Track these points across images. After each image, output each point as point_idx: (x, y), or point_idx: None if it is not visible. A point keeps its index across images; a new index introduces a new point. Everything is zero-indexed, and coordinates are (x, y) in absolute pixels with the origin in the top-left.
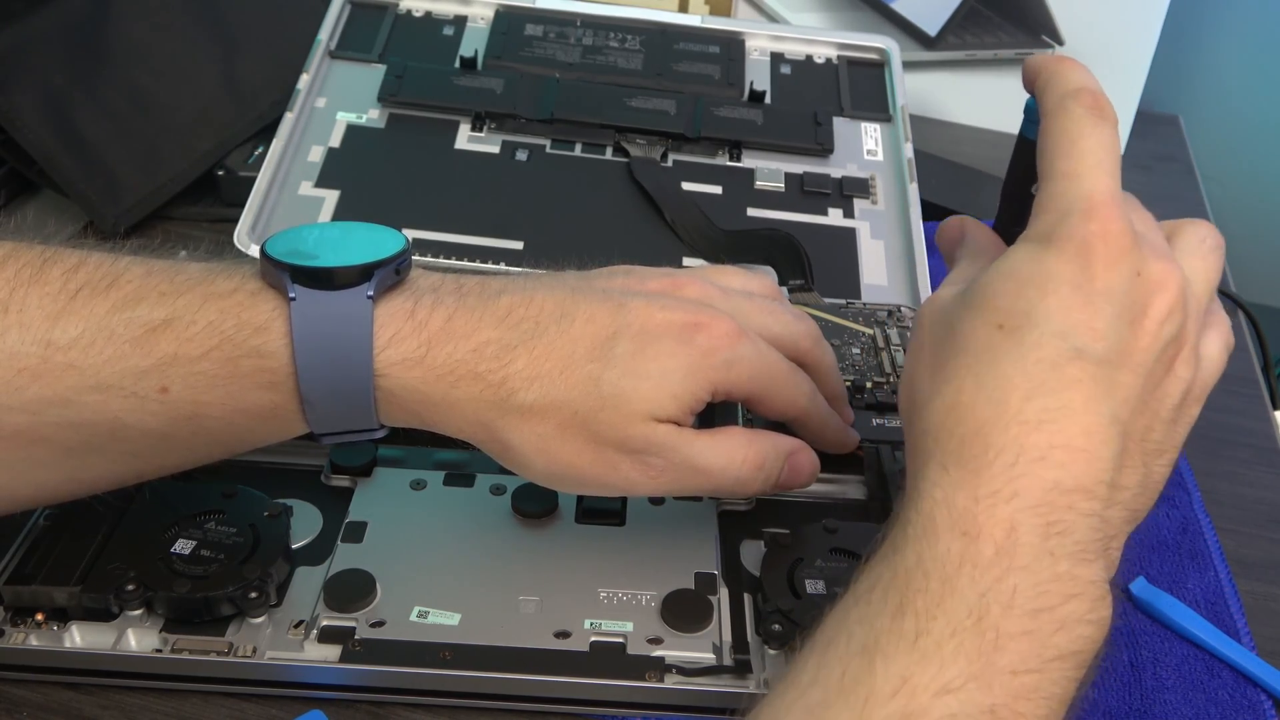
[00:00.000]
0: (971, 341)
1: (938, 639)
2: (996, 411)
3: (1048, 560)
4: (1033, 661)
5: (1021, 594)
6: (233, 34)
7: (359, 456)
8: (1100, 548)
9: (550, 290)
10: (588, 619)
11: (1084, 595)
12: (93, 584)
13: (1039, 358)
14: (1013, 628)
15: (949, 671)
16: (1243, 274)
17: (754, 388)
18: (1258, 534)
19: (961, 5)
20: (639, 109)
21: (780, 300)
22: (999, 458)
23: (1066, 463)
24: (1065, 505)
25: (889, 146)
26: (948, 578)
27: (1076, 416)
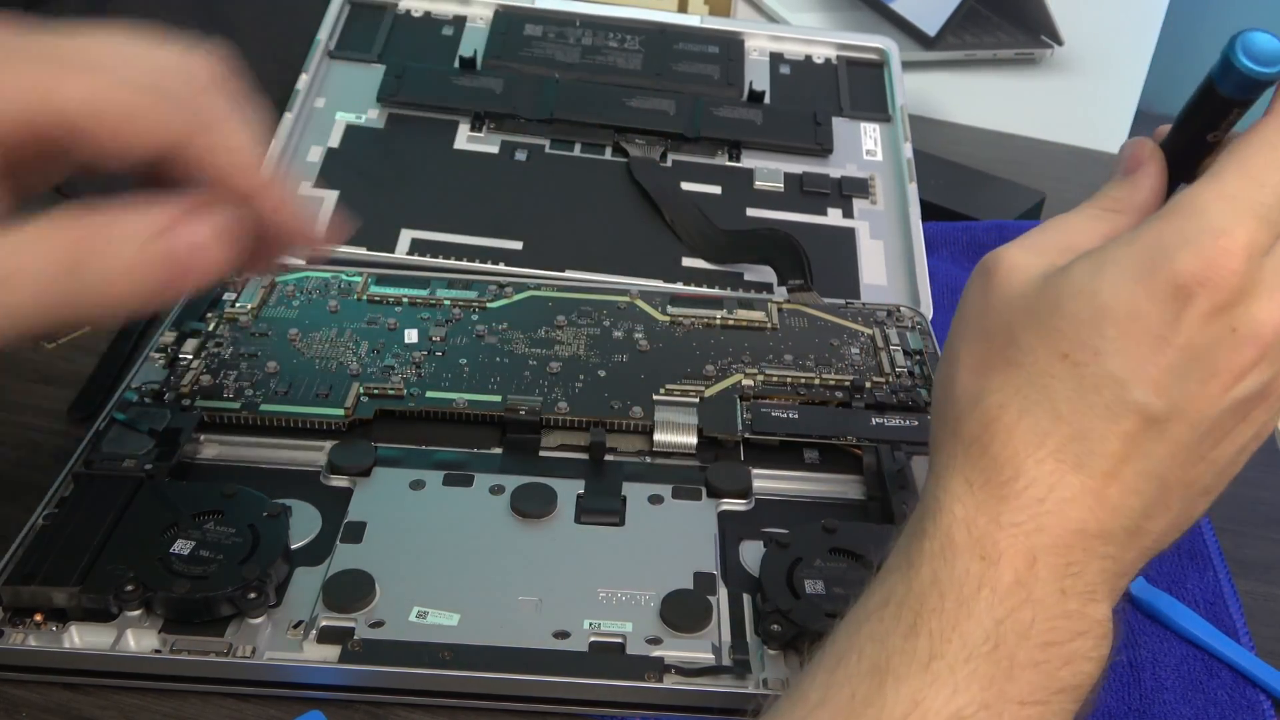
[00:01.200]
0: (1030, 361)
1: (951, 663)
2: (1037, 442)
3: (1059, 597)
4: (1040, 693)
5: (1036, 626)
6: (232, 33)
7: (358, 457)
8: (1109, 588)
9: None
10: (587, 619)
11: (1090, 634)
12: (92, 584)
13: (1094, 401)
14: (1025, 658)
15: (961, 698)
16: None
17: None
18: (1257, 534)
19: (961, 5)
20: (638, 109)
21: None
22: (1029, 489)
23: (1095, 508)
24: (1083, 548)
25: (888, 146)
26: (964, 600)
27: (1114, 472)
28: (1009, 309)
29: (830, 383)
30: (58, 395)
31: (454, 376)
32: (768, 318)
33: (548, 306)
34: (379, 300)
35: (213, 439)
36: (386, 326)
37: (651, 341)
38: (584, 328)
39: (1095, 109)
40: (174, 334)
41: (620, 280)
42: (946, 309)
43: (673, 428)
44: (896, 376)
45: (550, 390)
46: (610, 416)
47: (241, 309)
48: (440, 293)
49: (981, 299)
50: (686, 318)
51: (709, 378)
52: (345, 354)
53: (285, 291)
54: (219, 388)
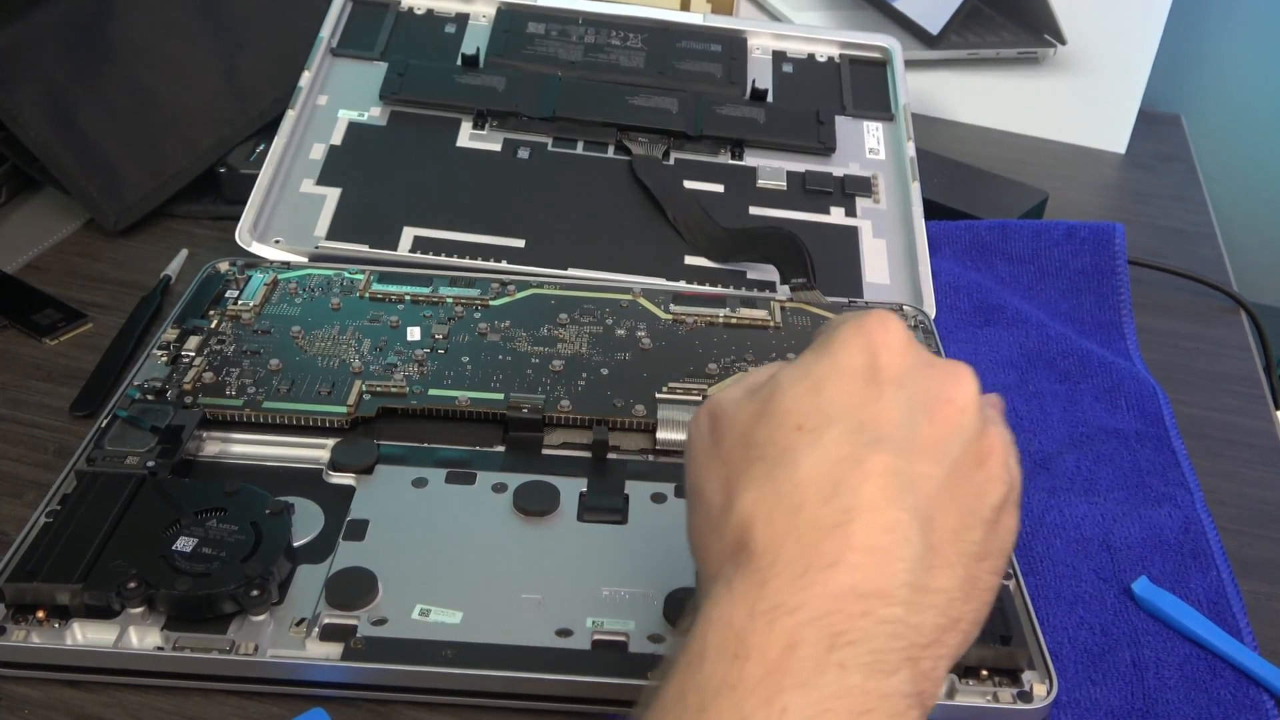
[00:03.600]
0: (770, 448)
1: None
2: (791, 521)
3: (835, 673)
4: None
5: (794, 713)
6: (234, 31)
7: (361, 454)
8: (902, 657)
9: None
10: (589, 617)
11: (877, 711)
12: (94, 581)
13: (837, 456)
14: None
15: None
16: (1245, 274)
17: None
18: (1260, 534)
19: (963, 4)
20: (641, 107)
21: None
22: (788, 568)
23: (863, 565)
24: (859, 612)
25: (891, 145)
26: (704, 706)
27: (876, 513)
28: (738, 424)
29: None
30: (60, 392)
31: (456, 374)
32: (770, 316)
33: (550, 304)
34: (381, 298)
35: (215, 436)
36: (389, 324)
37: (654, 340)
38: (586, 326)
39: (1098, 108)
40: (176, 331)
41: (623, 278)
42: (949, 308)
43: (675, 426)
44: None
45: (553, 388)
46: (613, 415)
47: (244, 306)
48: (443, 290)
49: (710, 434)
50: (689, 316)
51: (712, 376)
52: (348, 352)
53: (288, 289)
54: (221, 385)
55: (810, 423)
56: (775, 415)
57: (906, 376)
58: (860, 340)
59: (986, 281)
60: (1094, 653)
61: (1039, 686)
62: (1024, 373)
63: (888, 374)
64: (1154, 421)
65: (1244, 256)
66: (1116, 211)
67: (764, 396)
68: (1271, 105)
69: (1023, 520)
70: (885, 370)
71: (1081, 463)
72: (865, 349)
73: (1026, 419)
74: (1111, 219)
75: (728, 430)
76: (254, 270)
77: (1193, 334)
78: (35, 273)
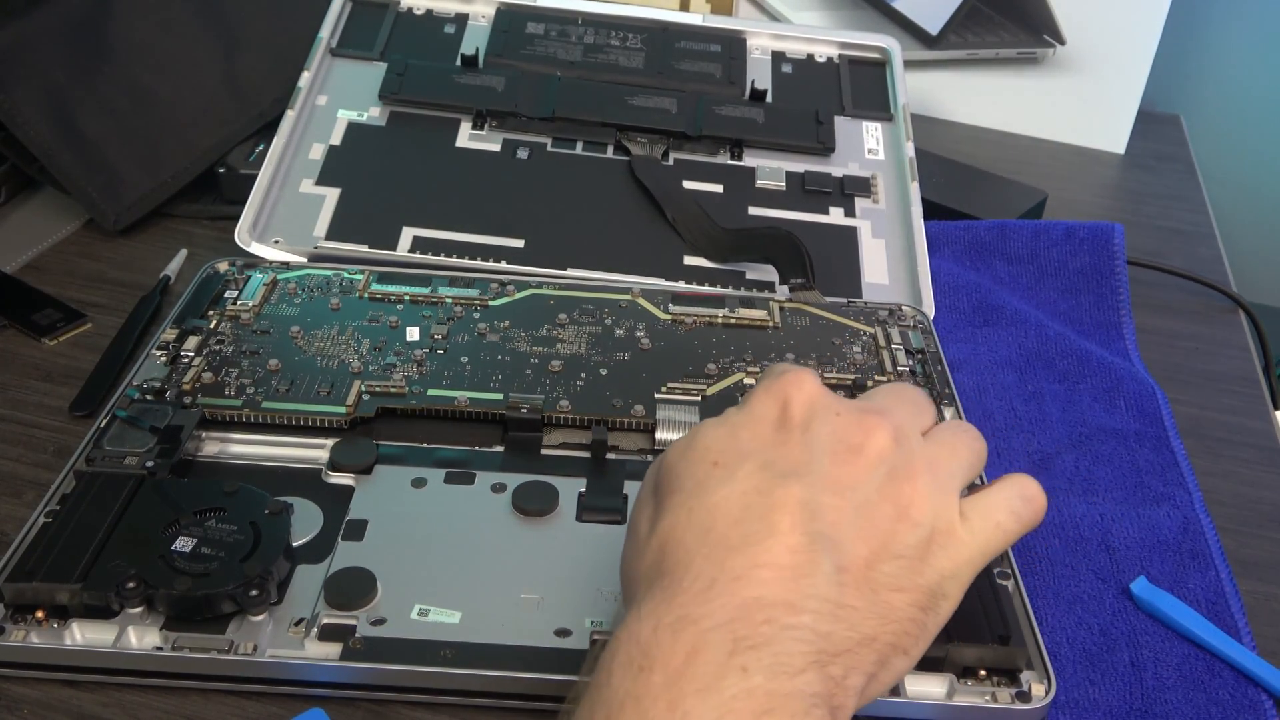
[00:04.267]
0: (688, 480)
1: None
2: (701, 539)
3: (737, 676)
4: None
5: (696, 717)
6: (234, 31)
7: (360, 454)
8: (808, 660)
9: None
10: (589, 617)
11: (780, 710)
12: (93, 581)
13: (747, 487)
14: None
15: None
16: (1244, 274)
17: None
18: (1259, 534)
19: (963, 4)
20: (640, 107)
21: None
22: (695, 582)
23: (768, 580)
24: (763, 619)
25: (890, 145)
26: (611, 718)
27: (781, 536)
28: (667, 461)
29: (832, 381)
30: (59, 392)
31: (455, 374)
32: (769, 316)
33: (549, 304)
34: (381, 298)
35: (214, 436)
36: (388, 324)
37: (653, 340)
38: (585, 326)
39: (1097, 108)
40: (175, 331)
41: (622, 278)
42: (948, 308)
43: (674, 426)
44: (898, 375)
45: (552, 388)
46: (612, 415)
47: (243, 306)
48: (442, 290)
49: (650, 480)
50: (688, 316)
51: (711, 376)
52: (347, 352)
53: (287, 289)
54: (220, 385)
55: (725, 460)
56: (695, 453)
57: (813, 423)
58: (774, 394)
59: (985, 281)
60: (1092, 653)
61: (1037, 686)
62: (1023, 372)
63: (795, 421)
64: (1153, 421)
65: (1243, 256)
66: (1115, 211)
67: (688, 439)
68: (1270, 105)
69: None
70: (794, 419)
71: (1080, 463)
72: (778, 402)
73: (1025, 419)
74: (1110, 219)
75: (660, 472)
76: (253, 270)
77: (1192, 334)
78: (34, 273)
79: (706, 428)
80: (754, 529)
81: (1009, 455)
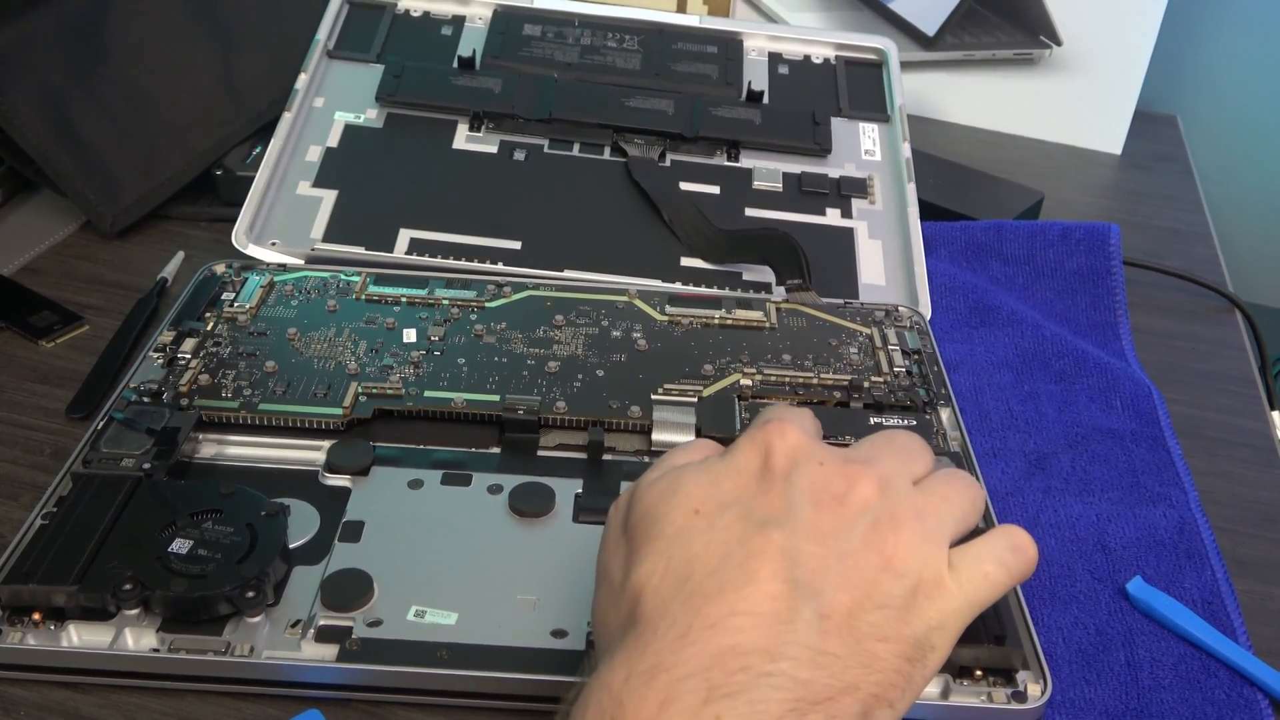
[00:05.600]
0: (667, 527)
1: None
2: (678, 589)
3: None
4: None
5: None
6: (231, 33)
7: (356, 456)
8: (785, 708)
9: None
10: (585, 618)
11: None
12: (90, 583)
13: (727, 536)
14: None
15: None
16: (1240, 274)
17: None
18: (1255, 534)
19: (959, 5)
20: (637, 109)
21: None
22: (670, 629)
23: (745, 628)
24: (738, 667)
25: (887, 146)
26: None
27: (760, 584)
28: (644, 504)
29: (829, 382)
30: (56, 394)
31: (452, 376)
32: (766, 317)
33: (546, 306)
34: (377, 300)
35: (211, 438)
36: (385, 326)
37: (650, 341)
38: (582, 327)
39: (1094, 109)
40: (172, 333)
41: (619, 280)
42: (945, 308)
43: (671, 427)
44: (895, 376)
45: (549, 390)
46: (609, 416)
47: (240, 308)
48: (439, 292)
49: (619, 518)
50: (685, 317)
51: (707, 377)
52: (343, 353)
53: (284, 291)
54: (217, 387)
55: (706, 508)
56: (675, 499)
57: (795, 472)
58: (757, 443)
59: (982, 282)
60: (1088, 652)
61: (1033, 686)
62: (1019, 373)
63: (777, 471)
64: (1149, 421)
65: (1239, 256)
66: (1112, 212)
67: (669, 484)
68: (1267, 105)
69: (1018, 520)
70: (775, 468)
71: (1077, 463)
72: (760, 451)
73: (1022, 419)
74: (1107, 219)
75: (634, 513)
76: (250, 272)
77: (1188, 334)
78: (31, 275)
79: (688, 474)
80: (731, 576)
81: (1005, 455)
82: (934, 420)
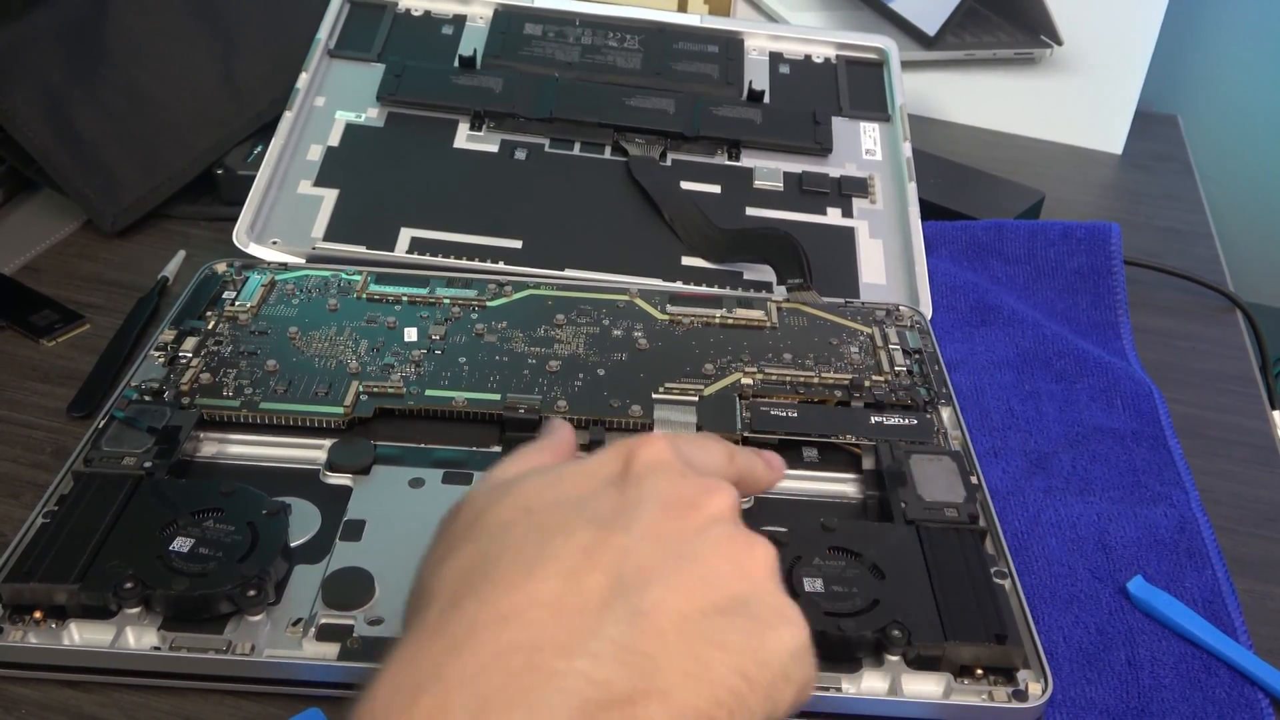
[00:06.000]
0: (491, 522)
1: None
2: (479, 577)
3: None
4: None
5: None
6: (231, 33)
7: (358, 455)
8: (574, 712)
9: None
10: None
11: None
12: (91, 582)
13: (552, 529)
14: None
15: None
16: (1241, 274)
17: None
18: (1255, 533)
19: (960, 5)
20: (638, 108)
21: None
22: (455, 626)
23: (542, 621)
24: (523, 666)
25: (888, 146)
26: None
27: (575, 576)
28: (475, 505)
29: (829, 381)
30: (57, 393)
31: (453, 375)
32: (767, 317)
33: (547, 305)
34: (378, 299)
35: (212, 437)
36: (386, 325)
37: (651, 340)
38: (583, 326)
39: (1094, 109)
40: (173, 332)
41: (619, 279)
42: (945, 308)
43: (672, 426)
44: (895, 375)
45: (549, 389)
46: (609, 415)
47: (241, 307)
48: (440, 291)
49: (451, 519)
50: (686, 316)
51: (708, 376)
52: (344, 352)
53: (285, 290)
54: (218, 386)
55: (539, 505)
56: (508, 498)
57: (650, 478)
58: (619, 450)
59: (983, 281)
60: (1089, 652)
61: (1034, 685)
62: (1020, 372)
63: (632, 474)
64: (1150, 421)
65: (1240, 256)
66: (1112, 211)
67: (506, 485)
68: (1268, 105)
69: (1018, 519)
70: (631, 471)
71: (1077, 462)
72: (621, 458)
73: (1022, 418)
74: (1107, 219)
75: (464, 511)
76: (251, 271)
77: (1189, 333)
78: (32, 274)
79: (533, 475)
80: (543, 566)
81: (1006, 455)
82: (934, 419)
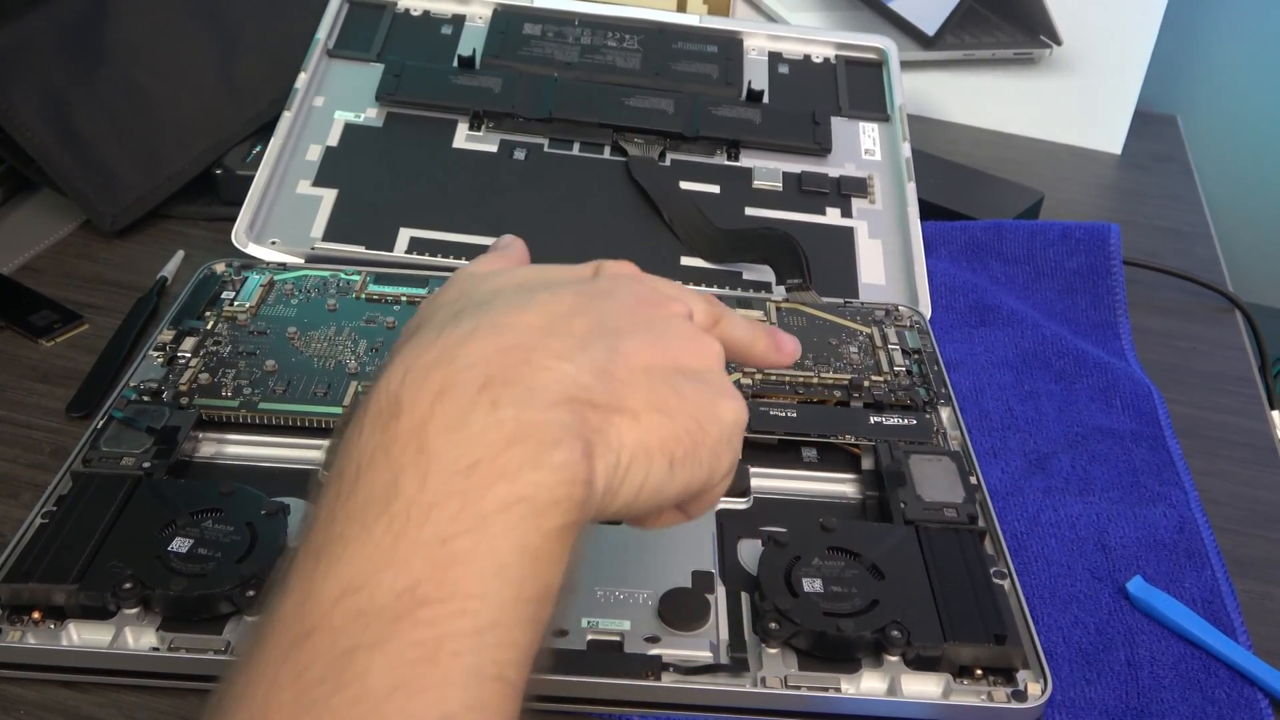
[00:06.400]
0: (485, 289)
1: (339, 542)
2: (479, 304)
3: (485, 410)
4: (467, 521)
5: (444, 456)
6: (231, 33)
7: None
8: (565, 395)
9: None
10: (585, 617)
11: (528, 439)
12: (90, 582)
13: (542, 290)
14: (433, 496)
15: (346, 573)
16: (1240, 274)
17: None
18: (1255, 533)
19: (959, 5)
20: (637, 108)
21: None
22: (456, 330)
23: (536, 327)
24: (521, 359)
25: (887, 146)
26: (360, 472)
27: (564, 316)
28: (459, 284)
29: (829, 381)
30: (56, 393)
31: None
32: (766, 317)
33: None
34: (377, 299)
35: (211, 437)
36: (385, 325)
37: None
38: None
39: (1094, 109)
40: (172, 332)
41: None
42: (945, 308)
43: None
44: (895, 375)
45: None
46: None
47: (240, 307)
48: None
49: (436, 295)
50: None
51: None
52: (343, 352)
53: (284, 290)
54: (217, 386)
55: (526, 281)
56: (500, 277)
57: (623, 280)
58: (591, 263)
59: (982, 282)
60: (1089, 652)
61: (1033, 686)
62: (1020, 372)
63: (605, 276)
64: (1149, 421)
65: (1239, 256)
66: (1112, 212)
67: (493, 272)
68: (1267, 105)
69: (1018, 520)
70: (603, 274)
71: (1077, 462)
72: (593, 265)
73: (1022, 418)
74: (1107, 219)
75: (456, 286)
76: (250, 271)
77: (1188, 334)
78: (32, 274)
79: (520, 268)
80: (533, 308)
81: (1005, 454)
82: (934, 419)
